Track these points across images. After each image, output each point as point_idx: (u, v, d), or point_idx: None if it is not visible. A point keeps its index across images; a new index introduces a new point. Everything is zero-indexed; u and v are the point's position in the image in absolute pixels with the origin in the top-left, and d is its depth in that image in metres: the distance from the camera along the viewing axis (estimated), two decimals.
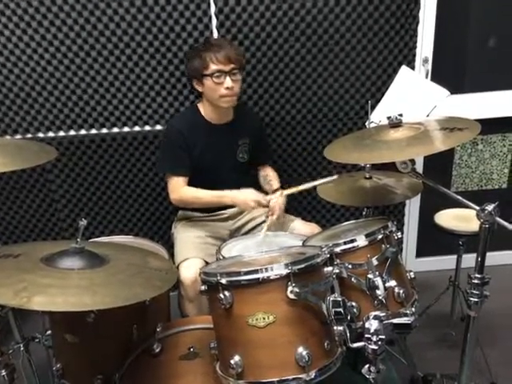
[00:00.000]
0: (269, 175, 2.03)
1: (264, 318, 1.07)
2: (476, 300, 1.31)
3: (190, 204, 1.93)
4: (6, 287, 0.97)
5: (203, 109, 1.91)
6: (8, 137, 2.22)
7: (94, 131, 2.26)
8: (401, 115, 1.37)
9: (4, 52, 2.09)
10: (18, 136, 2.24)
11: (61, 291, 0.99)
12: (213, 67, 1.75)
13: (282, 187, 1.90)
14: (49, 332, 1.46)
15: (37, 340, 1.53)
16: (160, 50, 2.15)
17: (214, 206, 1.92)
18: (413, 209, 2.58)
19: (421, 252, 2.69)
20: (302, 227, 1.93)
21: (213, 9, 2.11)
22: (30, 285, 0.98)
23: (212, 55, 1.74)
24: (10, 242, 2.41)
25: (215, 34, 2.15)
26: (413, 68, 2.27)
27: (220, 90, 1.77)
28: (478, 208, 1.21)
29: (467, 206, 1.27)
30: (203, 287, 1.18)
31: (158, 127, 2.27)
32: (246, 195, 1.77)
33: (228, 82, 1.76)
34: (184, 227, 1.98)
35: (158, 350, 1.31)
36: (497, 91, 2.43)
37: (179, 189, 1.87)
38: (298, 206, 2.48)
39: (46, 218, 2.39)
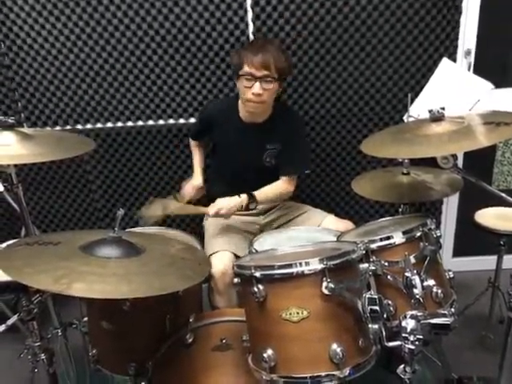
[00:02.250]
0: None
1: (298, 313, 1.05)
2: None
3: None
4: (47, 273, 1.00)
5: (240, 104, 1.88)
6: (48, 128, 2.29)
7: (130, 123, 2.30)
8: (443, 108, 1.32)
9: (45, 45, 2.15)
10: (58, 127, 2.30)
11: (99, 279, 1.01)
12: (245, 69, 1.69)
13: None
14: (85, 319, 1.50)
15: (74, 326, 1.57)
16: (195, 43, 2.15)
17: None
18: (450, 207, 2.50)
19: (458, 251, 2.62)
20: (334, 223, 1.89)
21: (249, 1, 2.09)
22: (69, 272, 1.01)
23: (249, 57, 1.68)
24: (49, 230, 2.50)
25: (250, 27, 2.13)
26: (454, 60, 2.18)
27: (247, 93, 1.71)
28: None
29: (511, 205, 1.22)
30: (236, 280, 1.17)
31: (192, 120, 2.29)
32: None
33: (256, 87, 1.68)
34: (215, 220, 1.98)
35: (190, 341, 1.32)
36: None
37: (190, 143, 2.11)
38: (330, 202, 2.45)
39: (83, 208, 2.46)
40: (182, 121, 2.30)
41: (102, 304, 1.37)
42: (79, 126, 2.31)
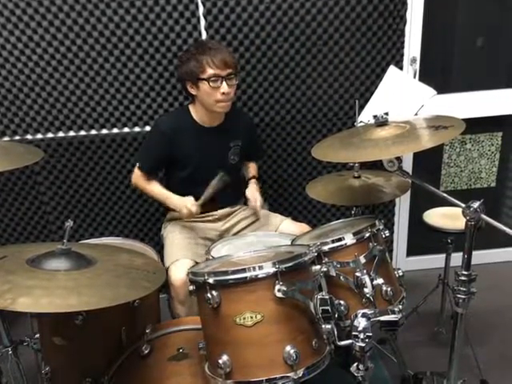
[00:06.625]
0: (248, 165, 2.13)
1: (252, 317, 1.06)
2: (463, 297, 1.31)
3: (142, 192, 2.02)
4: None
5: (194, 111, 1.89)
6: None
7: (82, 133, 2.25)
8: (387, 114, 1.38)
9: None
10: (6, 138, 2.22)
11: (46, 292, 0.98)
12: (210, 71, 1.72)
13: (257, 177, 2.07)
14: (37, 335, 1.44)
15: (25, 343, 1.51)
16: (148, 51, 2.14)
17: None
18: (403, 208, 2.59)
19: (411, 251, 2.71)
20: (291, 227, 1.93)
21: (201, 10, 2.11)
22: (14, 286, 0.97)
23: (209, 59, 1.71)
24: None
25: (204, 35, 2.15)
26: (401, 68, 2.28)
27: (216, 94, 1.74)
28: (463, 205, 1.22)
29: (453, 204, 1.28)
30: (191, 287, 1.17)
31: (148, 128, 2.27)
32: (182, 202, 1.81)
33: (224, 86, 1.73)
34: (174, 228, 1.97)
35: (146, 352, 1.30)
36: (484, 91, 2.45)
37: (137, 178, 1.95)
38: (288, 206, 2.49)
39: (34, 221, 2.37)
40: (137, 129, 2.28)
41: (53, 319, 1.33)
42: (29, 136, 2.23)
